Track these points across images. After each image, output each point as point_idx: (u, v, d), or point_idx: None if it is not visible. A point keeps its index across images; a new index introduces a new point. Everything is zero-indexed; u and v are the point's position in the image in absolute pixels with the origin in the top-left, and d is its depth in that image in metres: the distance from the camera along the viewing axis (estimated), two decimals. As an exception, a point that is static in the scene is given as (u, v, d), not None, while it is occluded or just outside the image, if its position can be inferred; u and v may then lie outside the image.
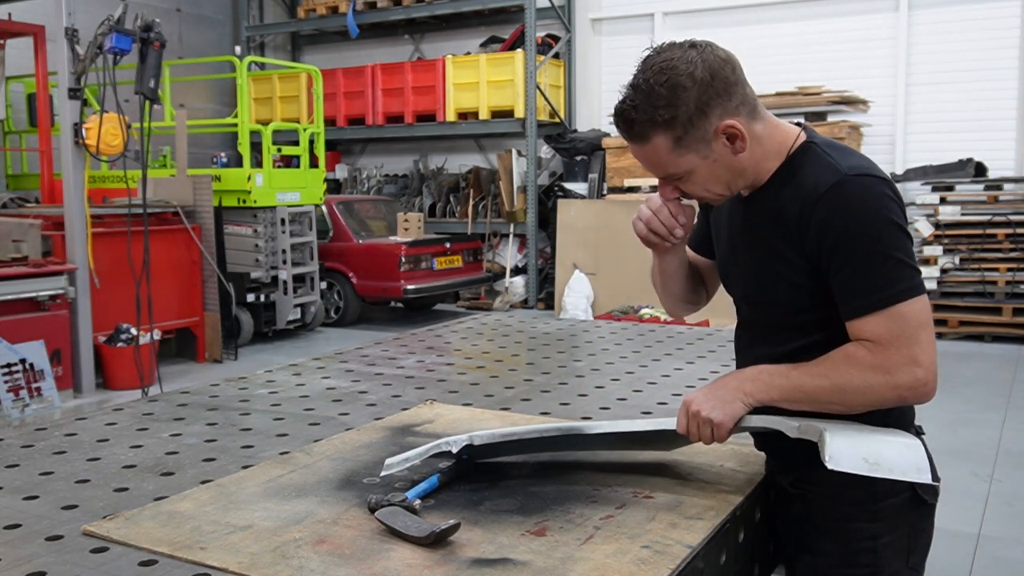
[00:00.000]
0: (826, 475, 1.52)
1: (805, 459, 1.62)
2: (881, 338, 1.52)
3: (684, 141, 1.57)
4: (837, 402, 1.57)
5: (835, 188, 1.54)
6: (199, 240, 8.23)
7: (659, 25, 11.54)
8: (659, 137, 1.57)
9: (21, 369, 6.14)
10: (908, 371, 1.51)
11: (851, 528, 1.68)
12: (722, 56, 1.57)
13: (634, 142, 1.61)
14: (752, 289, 1.75)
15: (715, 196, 1.68)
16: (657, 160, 1.61)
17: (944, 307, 9.04)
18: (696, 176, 1.62)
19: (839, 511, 1.68)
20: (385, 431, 2.06)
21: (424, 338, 3.33)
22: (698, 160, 1.59)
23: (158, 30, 6.28)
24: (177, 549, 1.40)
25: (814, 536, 1.71)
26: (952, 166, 9.71)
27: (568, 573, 1.32)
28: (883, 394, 1.54)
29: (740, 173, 1.64)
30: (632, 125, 1.58)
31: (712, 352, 2.94)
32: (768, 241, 1.66)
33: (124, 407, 2.35)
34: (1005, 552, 4.02)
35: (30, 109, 10.37)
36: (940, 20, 10.15)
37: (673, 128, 1.55)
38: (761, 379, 1.62)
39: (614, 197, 10.46)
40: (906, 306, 1.52)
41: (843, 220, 1.53)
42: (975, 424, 5.84)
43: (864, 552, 1.67)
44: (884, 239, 1.52)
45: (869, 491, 1.64)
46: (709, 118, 1.55)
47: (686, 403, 1.65)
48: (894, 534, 1.68)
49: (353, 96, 12.68)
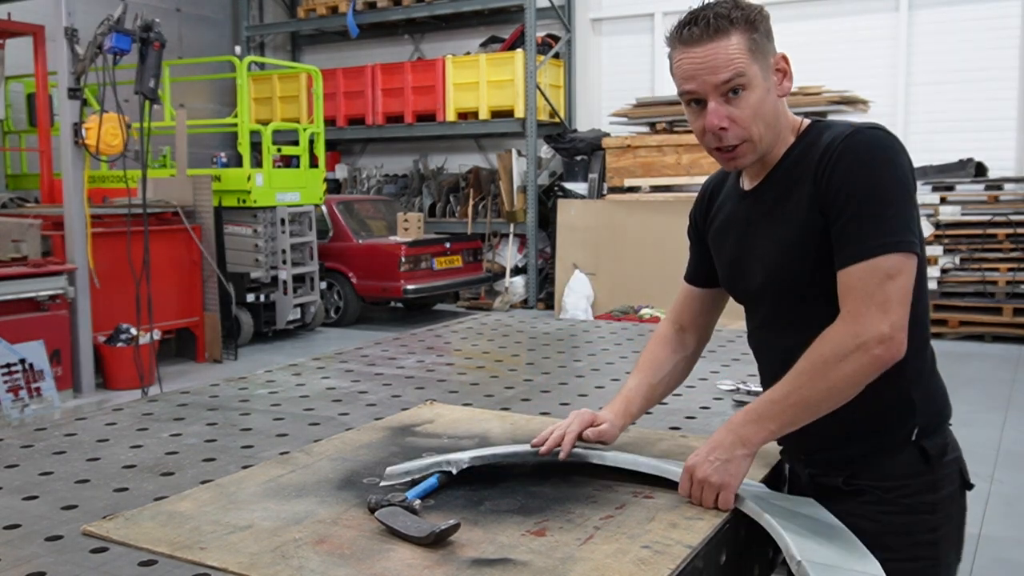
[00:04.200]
0: (887, 468, 1.53)
1: (860, 455, 1.61)
2: (856, 289, 1.51)
3: (756, 48, 1.59)
4: (824, 390, 1.53)
5: (850, 137, 1.57)
6: (199, 240, 8.23)
7: (659, 25, 11.52)
8: (738, 34, 1.57)
9: (21, 369, 6.14)
10: (874, 326, 1.49)
11: (915, 521, 1.64)
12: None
13: (711, 38, 1.57)
14: (773, 266, 1.67)
15: (756, 137, 1.62)
16: (731, 57, 1.56)
17: (944, 307, 9.04)
18: (754, 97, 1.59)
19: (902, 504, 1.64)
20: (385, 431, 2.05)
21: (424, 338, 3.32)
22: (760, 77, 1.59)
23: (158, 30, 6.29)
24: (177, 549, 1.40)
25: (873, 533, 1.63)
26: (952, 166, 9.71)
27: (568, 573, 1.32)
28: (857, 358, 1.50)
29: (776, 128, 1.64)
30: (715, 20, 1.57)
31: (712, 352, 2.93)
32: (788, 211, 1.64)
33: (124, 407, 2.35)
34: (1005, 553, 4.02)
35: (30, 109, 10.37)
36: (940, 20, 10.15)
37: (751, 30, 1.58)
38: (750, 419, 1.58)
39: (614, 197, 10.46)
40: (887, 259, 1.50)
41: (852, 166, 1.54)
42: (975, 424, 5.83)
43: (925, 545, 1.65)
44: (888, 190, 1.52)
45: (930, 479, 1.63)
46: (771, 43, 1.63)
47: (689, 468, 1.59)
48: (949, 525, 1.67)
49: (353, 96, 12.69)
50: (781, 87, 1.64)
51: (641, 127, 10.67)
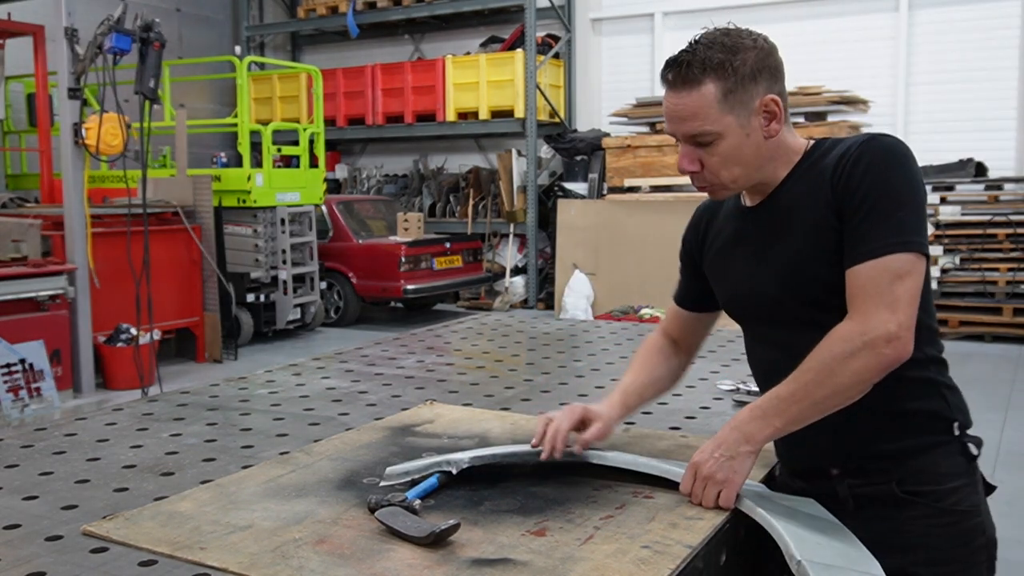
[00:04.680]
0: (941, 467, 1.61)
1: (908, 453, 1.63)
2: (865, 287, 1.51)
3: (731, 98, 1.56)
4: (829, 387, 1.52)
5: (866, 143, 1.57)
6: (199, 240, 8.23)
7: (659, 25, 11.54)
8: (711, 83, 1.55)
9: (21, 369, 6.14)
10: (882, 324, 1.49)
11: (970, 528, 1.68)
12: (776, 46, 1.63)
13: (684, 87, 1.57)
14: (788, 275, 1.64)
15: (728, 181, 1.63)
16: (698, 110, 1.57)
17: (944, 307, 9.04)
18: (725, 145, 1.59)
19: (956, 512, 1.65)
20: (385, 431, 2.05)
21: (424, 338, 3.32)
22: (735, 126, 1.58)
23: (158, 30, 6.29)
24: (177, 549, 1.40)
25: (932, 548, 1.63)
26: (952, 166, 9.72)
27: (568, 573, 1.32)
28: (864, 357, 1.49)
29: (758, 165, 1.63)
30: (688, 68, 1.56)
31: (712, 352, 2.93)
32: (800, 222, 1.62)
33: (124, 407, 2.35)
34: (1005, 553, 4.01)
35: (30, 109, 10.37)
36: (940, 20, 10.16)
37: (726, 78, 1.55)
38: (755, 415, 1.57)
39: (614, 197, 10.46)
40: (897, 258, 1.51)
41: (868, 168, 1.54)
42: (975, 424, 5.80)
43: (980, 549, 1.70)
44: (900, 191, 1.53)
45: (973, 480, 1.70)
46: (758, 85, 1.58)
47: (694, 465, 1.59)
48: (992, 528, 1.74)
49: (353, 96, 12.69)
50: (768, 129, 1.61)
51: (641, 127, 10.67)
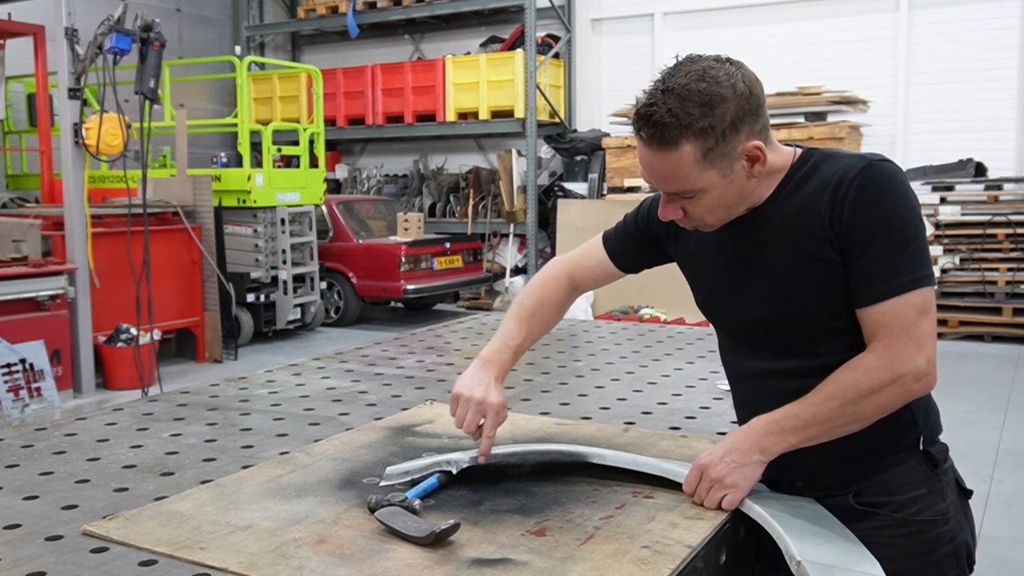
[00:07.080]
0: (898, 477, 1.59)
1: (869, 471, 1.63)
2: (890, 325, 1.51)
3: (711, 155, 1.50)
4: (851, 416, 1.54)
5: (865, 172, 1.52)
6: (199, 240, 8.23)
7: (659, 25, 11.54)
8: (689, 146, 1.48)
9: (21, 369, 6.15)
10: (911, 360, 1.51)
11: (935, 536, 1.64)
12: (754, 75, 1.53)
13: (660, 148, 1.50)
14: (776, 301, 1.62)
15: (713, 222, 1.62)
16: (678, 172, 1.51)
17: (944, 307, 9.04)
18: (708, 196, 1.55)
19: (917, 522, 1.63)
20: (385, 431, 2.05)
21: (424, 338, 3.32)
22: (717, 178, 1.53)
23: (158, 30, 6.29)
24: (177, 549, 1.40)
25: (896, 559, 1.58)
26: (952, 166, 9.72)
27: (568, 573, 1.32)
28: (890, 392, 1.51)
29: (744, 199, 1.60)
30: (663, 130, 1.47)
31: (712, 352, 2.93)
32: (789, 246, 1.59)
33: (124, 407, 2.35)
34: (1005, 553, 4.02)
35: (30, 109, 10.38)
36: (940, 20, 10.15)
37: (706, 139, 1.48)
38: (772, 430, 1.57)
39: (614, 197, 10.46)
40: (917, 294, 1.51)
41: (872, 203, 1.51)
42: (975, 424, 5.84)
43: (948, 557, 1.65)
44: (908, 225, 1.52)
45: (938, 487, 1.65)
46: (739, 135, 1.50)
47: (701, 467, 1.59)
48: (963, 532, 1.68)
49: (353, 96, 12.68)
50: (752, 171, 1.55)
51: (641, 127, 10.66)
